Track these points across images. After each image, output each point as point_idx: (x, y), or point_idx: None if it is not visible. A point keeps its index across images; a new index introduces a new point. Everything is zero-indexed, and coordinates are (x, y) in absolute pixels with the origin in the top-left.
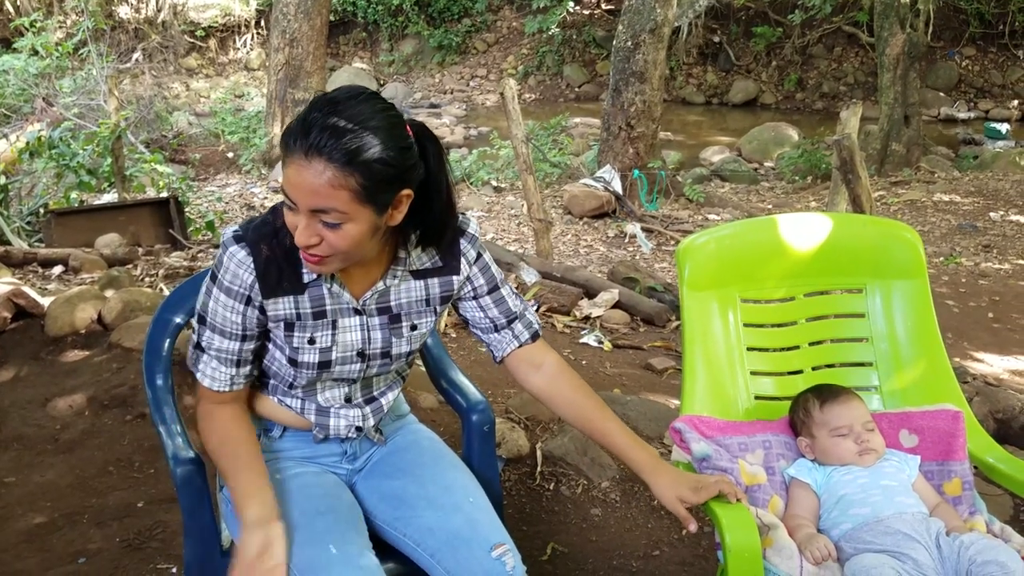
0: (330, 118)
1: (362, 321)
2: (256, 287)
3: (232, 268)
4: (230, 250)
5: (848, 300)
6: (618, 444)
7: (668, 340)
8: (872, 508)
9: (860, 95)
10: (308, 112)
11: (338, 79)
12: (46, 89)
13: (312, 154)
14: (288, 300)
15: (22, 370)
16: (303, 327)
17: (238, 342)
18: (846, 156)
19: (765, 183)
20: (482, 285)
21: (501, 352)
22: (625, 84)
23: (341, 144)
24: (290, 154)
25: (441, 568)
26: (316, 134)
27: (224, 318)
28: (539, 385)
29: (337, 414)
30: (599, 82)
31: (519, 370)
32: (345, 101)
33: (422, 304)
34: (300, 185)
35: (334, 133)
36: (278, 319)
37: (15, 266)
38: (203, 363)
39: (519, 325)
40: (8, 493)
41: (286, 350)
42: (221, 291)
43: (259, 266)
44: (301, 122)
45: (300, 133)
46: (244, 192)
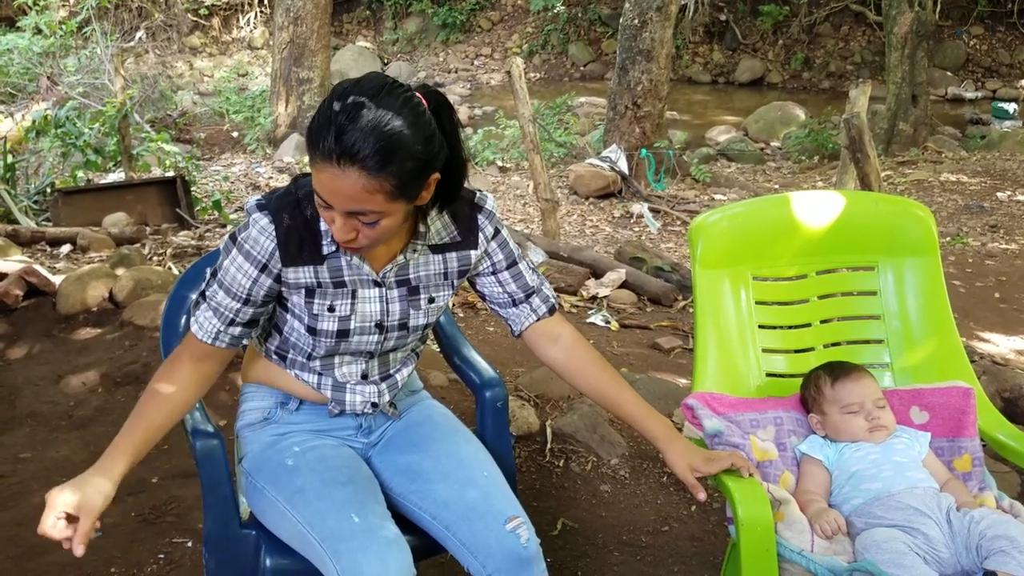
0: (359, 120)
1: (381, 293)
2: (276, 255)
3: (254, 234)
4: (253, 216)
5: (860, 278)
6: (633, 414)
7: (675, 320)
8: (883, 483)
9: (867, 74)
10: (334, 111)
11: (342, 58)
12: (50, 68)
13: (345, 162)
14: (308, 269)
15: (35, 347)
16: (323, 294)
17: (238, 303)
18: (855, 135)
19: (772, 163)
20: (500, 260)
21: (519, 326)
22: (632, 63)
23: (375, 151)
24: (321, 159)
25: (456, 540)
26: (348, 140)
27: (233, 278)
28: (556, 358)
29: (353, 390)
30: (604, 61)
31: (537, 343)
32: (372, 98)
33: (440, 277)
34: (335, 191)
35: (366, 138)
36: (299, 286)
37: (23, 245)
38: (200, 311)
39: (536, 299)
40: (24, 468)
41: (304, 318)
42: (240, 253)
43: (280, 234)
44: (329, 124)
45: (330, 138)
46: (249, 171)
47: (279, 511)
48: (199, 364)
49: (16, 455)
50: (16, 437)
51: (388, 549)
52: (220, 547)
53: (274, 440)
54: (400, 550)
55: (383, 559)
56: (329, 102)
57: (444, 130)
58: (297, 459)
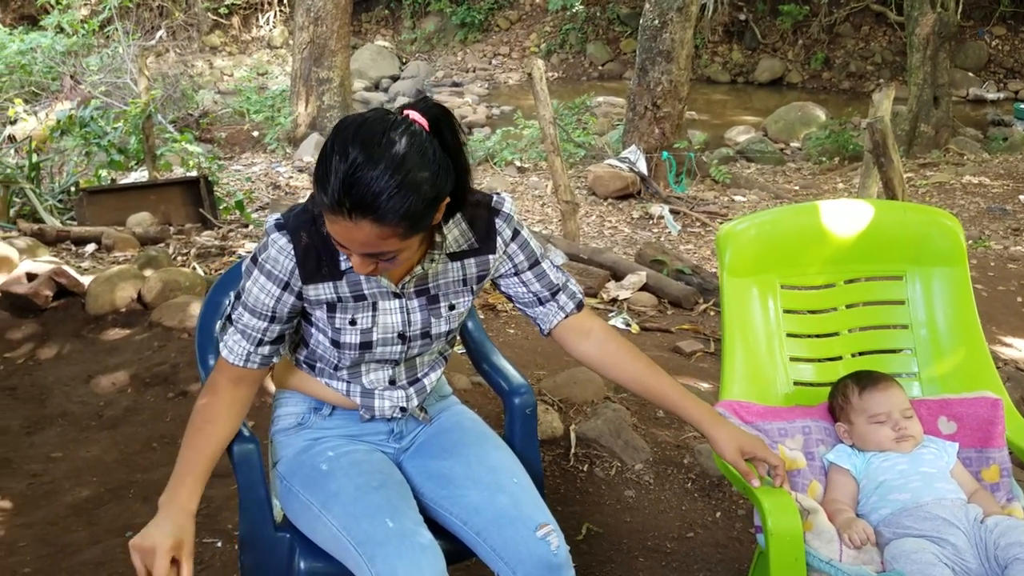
0: (366, 172)
1: (401, 304)
2: (296, 273)
3: (273, 254)
4: (272, 236)
5: (888, 287)
6: (675, 401)
7: (696, 323)
8: (911, 494)
9: (887, 75)
10: (339, 162)
11: (360, 57)
12: (73, 67)
13: (356, 215)
14: (328, 285)
15: (64, 347)
16: (344, 308)
17: (265, 322)
18: (879, 139)
19: (792, 164)
20: (522, 261)
21: (548, 324)
22: (652, 63)
23: (386, 203)
24: (331, 211)
25: (487, 546)
26: (357, 194)
27: (256, 298)
28: (589, 352)
29: (381, 396)
30: (623, 60)
31: (568, 340)
32: (376, 146)
33: (459, 284)
34: (350, 240)
35: (375, 192)
36: (320, 302)
37: (49, 244)
38: (228, 335)
39: (563, 296)
40: (55, 468)
41: (328, 332)
42: (261, 273)
43: (299, 253)
44: (335, 176)
45: (339, 191)
46: (270, 171)
47: (313, 515)
48: (236, 388)
49: (47, 454)
50: (47, 436)
51: (423, 555)
52: (255, 549)
53: (308, 445)
54: (434, 556)
55: (418, 564)
56: (331, 149)
57: (446, 144)
58: (331, 463)
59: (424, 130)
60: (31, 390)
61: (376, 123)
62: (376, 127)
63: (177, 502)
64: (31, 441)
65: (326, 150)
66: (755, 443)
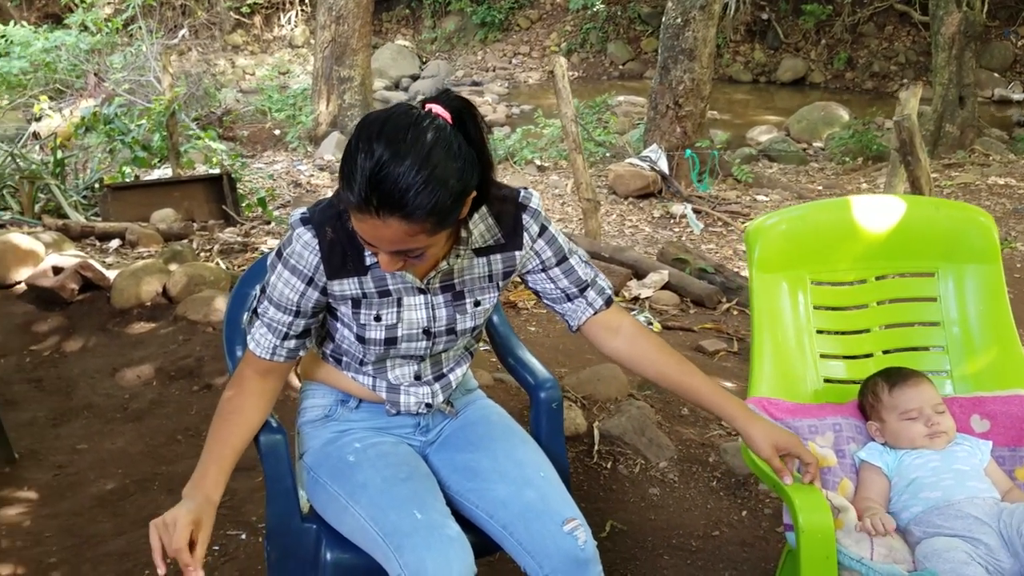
0: (392, 170)
1: (426, 300)
2: (321, 269)
3: (298, 249)
4: (297, 231)
5: (920, 284)
6: (707, 397)
7: (719, 322)
8: (943, 492)
9: (911, 75)
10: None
11: (380, 56)
12: (97, 65)
13: (384, 213)
14: (353, 281)
15: (90, 341)
16: (369, 304)
17: (290, 316)
18: (906, 138)
19: (815, 164)
20: (550, 257)
21: (576, 321)
22: (674, 62)
23: (413, 200)
24: (361, 210)
25: (513, 540)
26: (384, 192)
27: (281, 293)
28: (619, 348)
29: (407, 391)
30: (644, 59)
31: (597, 336)
32: (401, 142)
33: (485, 280)
34: (378, 239)
35: (403, 190)
36: (345, 297)
37: (74, 239)
38: (255, 328)
39: (591, 292)
40: (81, 459)
41: (353, 327)
42: (286, 268)
43: (324, 248)
44: (361, 175)
45: (365, 189)
46: (291, 169)
47: (341, 506)
48: (263, 380)
49: (73, 446)
50: (73, 428)
51: (451, 547)
52: (282, 540)
53: (335, 437)
54: (462, 548)
55: (446, 556)
56: (356, 147)
57: (470, 137)
58: (358, 455)
59: (448, 124)
60: (57, 382)
61: (400, 118)
62: (401, 122)
63: (202, 490)
64: (57, 433)
65: (351, 148)
66: (790, 439)
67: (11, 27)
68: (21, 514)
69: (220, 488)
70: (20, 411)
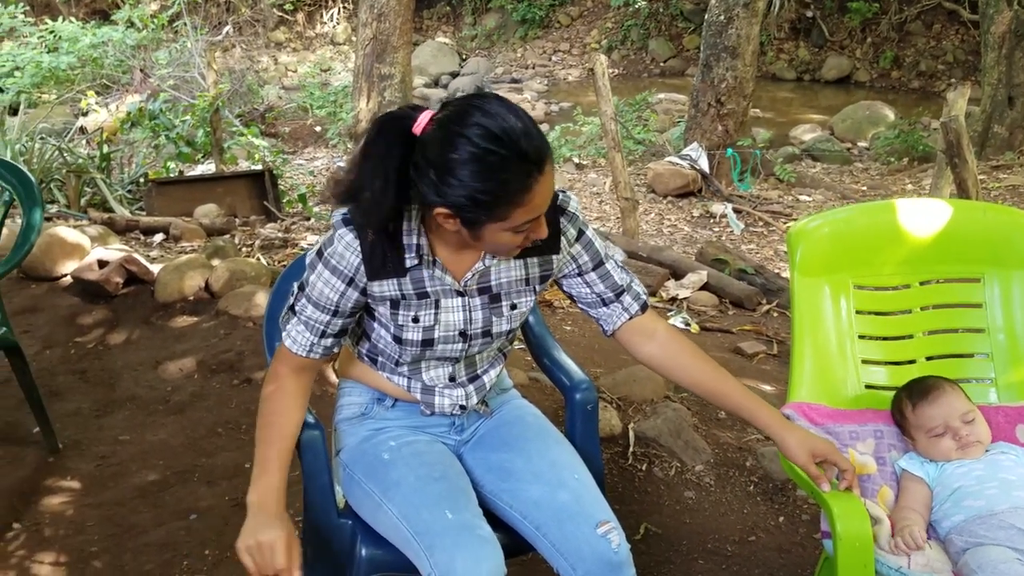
0: (528, 122)
1: (464, 302)
2: (361, 269)
3: (340, 249)
4: (339, 232)
5: (965, 289)
6: (742, 404)
7: (758, 324)
8: (987, 501)
9: (959, 74)
10: (516, 124)
11: (421, 53)
12: (142, 61)
13: (549, 160)
14: (392, 282)
15: (134, 333)
16: (407, 306)
17: (328, 315)
18: (953, 139)
19: (859, 164)
20: (587, 262)
21: (611, 326)
22: (716, 59)
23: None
24: (533, 173)
25: (546, 541)
26: (540, 140)
27: (321, 292)
28: (653, 354)
29: (441, 393)
30: (685, 57)
31: (631, 341)
32: (507, 104)
33: (521, 284)
34: (546, 197)
35: (538, 132)
36: (384, 298)
37: (119, 233)
38: (291, 325)
39: (627, 297)
40: (123, 450)
41: (390, 328)
42: (327, 268)
43: (365, 249)
44: (523, 139)
45: (532, 146)
46: (331, 165)
47: (375, 503)
48: (298, 377)
49: (116, 437)
50: (116, 420)
51: (482, 547)
52: (318, 535)
53: (371, 435)
54: (493, 549)
55: (476, 557)
56: (486, 129)
57: None
58: (393, 453)
59: None
60: (101, 374)
61: (488, 92)
62: (491, 93)
63: (270, 509)
64: (100, 424)
65: (482, 138)
66: (826, 446)
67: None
68: (64, 503)
69: (284, 498)
70: (65, 402)
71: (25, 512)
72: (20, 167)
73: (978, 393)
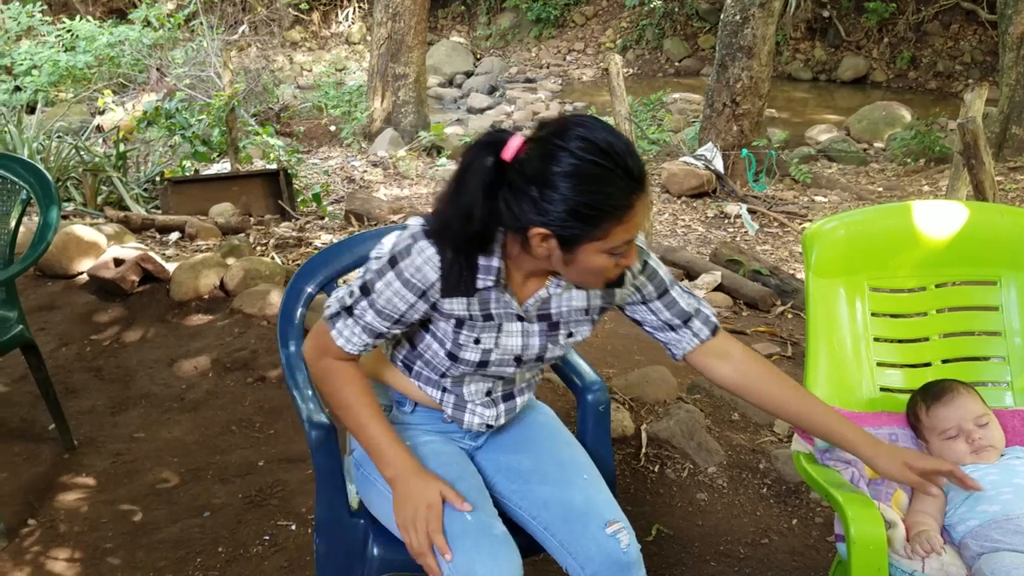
0: (632, 145)
1: (523, 327)
2: (436, 285)
3: (418, 263)
4: (419, 244)
5: (981, 292)
6: (828, 425)
7: (773, 325)
8: (1002, 506)
9: (977, 75)
10: (616, 143)
11: (435, 53)
12: (159, 60)
13: (646, 179)
14: (462, 301)
15: (149, 331)
16: (472, 327)
17: (390, 323)
18: (970, 140)
19: (875, 164)
20: (651, 291)
21: (680, 351)
22: (732, 59)
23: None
24: (635, 191)
25: (555, 541)
26: (637, 157)
27: (389, 300)
28: (729, 375)
29: (473, 411)
30: (700, 56)
31: (705, 364)
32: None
33: (581, 313)
34: (647, 210)
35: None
36: (451, 316)
37: (135, 231)
38: (345, 326)
39: (696, 322)
40: (138, 448)
41: (447, 343)
42: (399, 279)
43: (444, 266)
44: (625, 157)
45: (637, 164)
46: (345, 165)
47: (390, 503)
48: (352, 363)
49: (131, 434)
50: (131, 417)
51: (500, 548)
52: (330, 534)
53: None
54: (511, 549)
55: (495, 558)
56: (590, 146)
57: None
58: None
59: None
60: (116, 372)
61: (582, 114)
62: (584, 115)
63: (414, 468)
64: (115, 421)
65: (586, 151)
66: (919, 456)
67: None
68: (79, 500)
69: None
70: (80, 399)
71: (40, 508)
72: (37, 165)
73: (994, 397)
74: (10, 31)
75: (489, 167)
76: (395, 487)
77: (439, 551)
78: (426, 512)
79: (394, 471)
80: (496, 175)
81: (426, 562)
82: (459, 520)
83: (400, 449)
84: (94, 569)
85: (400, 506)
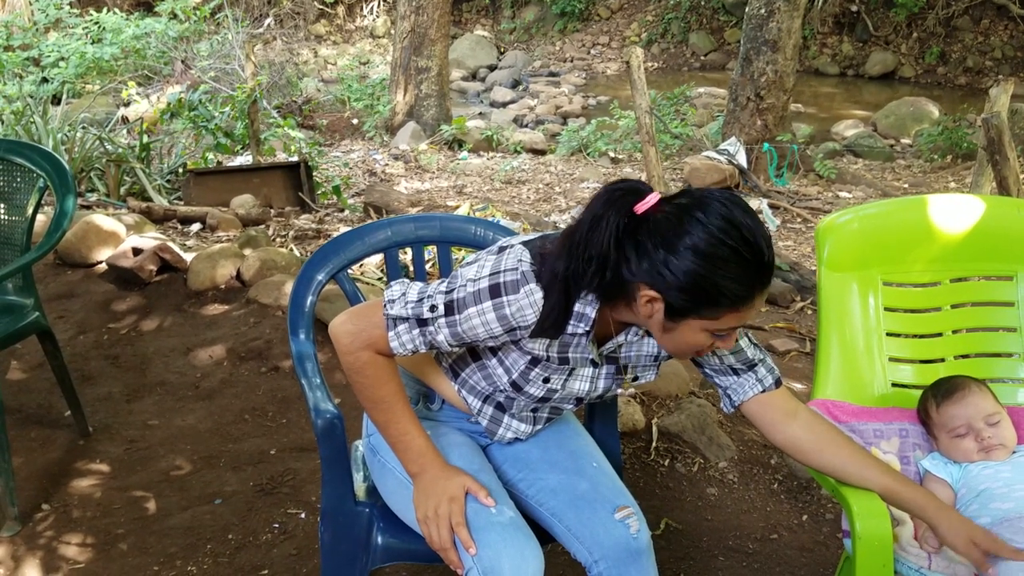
0: (771, 242)
1: (594, 372)
2: (530, 328)
3: (523, 305)
4: (529, 287)
5: (997, 288)
6: (894, 489)
7: (792, 321)
8: (1015, 504)
9: (1007, 71)
10: (754, 229)
11: (459, 46)
12: (184, 52)
13: (771, 279)
14: (544, 342)
15: (166, 320)
16: (546, 367)
17: (459, 344)
18: (994, 136)
19: (901, 161)
20: None
21: (740, 396)
22: (756, 53)
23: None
24: (764, 283)
25: (562, 526)
26: (773, 261)
27: (472, 328)
28: (798, 436)
29: (508, 426)
30: (726, 50)
31: (766, 417)
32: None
33: (650, 360)
34: (761, 306)
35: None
36: (530, 353)
37: (156, 222)
38: (408, 333)
39: (761, 369)
40: (152, 435)
41: (513, 374)
42: (495, 312)
43: (545, 311)
44: (762, 245)
45: (771, 263)
46: (367, 158)
47: (408, 491)
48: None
49: (145, 422)
50: (146, 404)
51: (526, 542)
52: (335, 522)
53: None
54: (535, 543)
55: (521, 551)
56: (752, 238)
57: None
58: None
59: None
60: (132, 360)
61: (729, 195)
62: (732, 196)
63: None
64: (130, 408)
65: (724, 232)
66: (986, 535)
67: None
68: (93, 486)
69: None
70: (96, 386)
71: (54, 493)
72: (54, 154)
73: (1007, 393)
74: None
75: (625, 219)
76: (417, 481)
77: (463, 545)
78: (449, 505)
79: (419, 468)
80: (626, 224)
81: (447, 556)
82: (483, 514)
83: (430, 448)
84: (105, 554)
85: (421, 499)
